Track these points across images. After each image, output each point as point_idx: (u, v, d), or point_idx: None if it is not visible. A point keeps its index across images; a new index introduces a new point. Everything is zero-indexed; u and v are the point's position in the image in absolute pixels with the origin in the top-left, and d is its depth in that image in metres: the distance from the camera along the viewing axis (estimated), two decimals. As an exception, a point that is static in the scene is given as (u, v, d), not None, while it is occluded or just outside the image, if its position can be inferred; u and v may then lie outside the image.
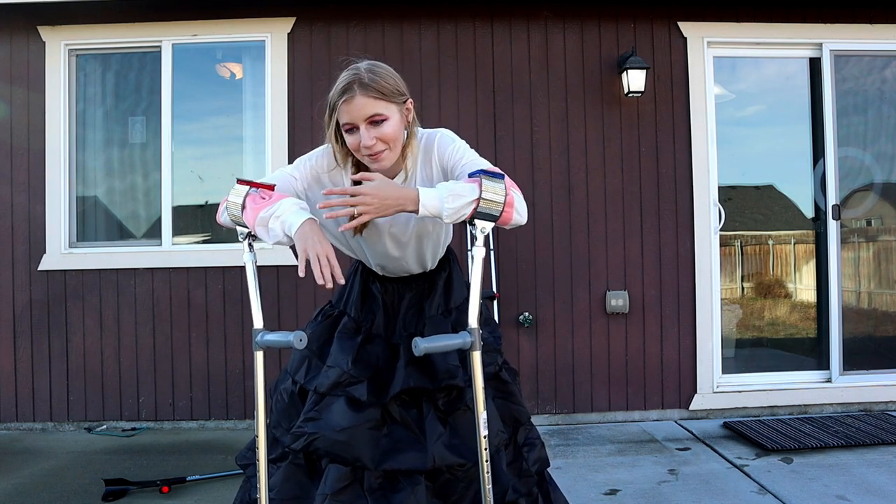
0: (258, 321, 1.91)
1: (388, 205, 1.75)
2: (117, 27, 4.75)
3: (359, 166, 2.03)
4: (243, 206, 1.88)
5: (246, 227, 1.89)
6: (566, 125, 4.76)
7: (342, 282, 1.75)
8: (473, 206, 1.75)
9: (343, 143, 1.97)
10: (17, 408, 4.72)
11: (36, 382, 4.72)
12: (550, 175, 4.75)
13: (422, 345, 1.66)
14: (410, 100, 1.99)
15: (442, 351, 1.74)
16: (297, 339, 1.76)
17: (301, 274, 1.73)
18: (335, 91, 1.91)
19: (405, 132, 1.98)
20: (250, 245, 1.92)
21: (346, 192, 1.77)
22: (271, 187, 1.91)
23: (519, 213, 1.82)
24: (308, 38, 4.75)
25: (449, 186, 1.79)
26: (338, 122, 1.93)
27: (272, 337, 1.84)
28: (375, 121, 1.88)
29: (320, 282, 1.72)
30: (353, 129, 1.89)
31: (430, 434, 1.98)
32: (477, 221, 1.76)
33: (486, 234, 1.78)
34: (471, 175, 1.82)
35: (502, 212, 1.77)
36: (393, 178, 2.01)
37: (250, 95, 4.95)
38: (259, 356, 1.91)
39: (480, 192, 1.75)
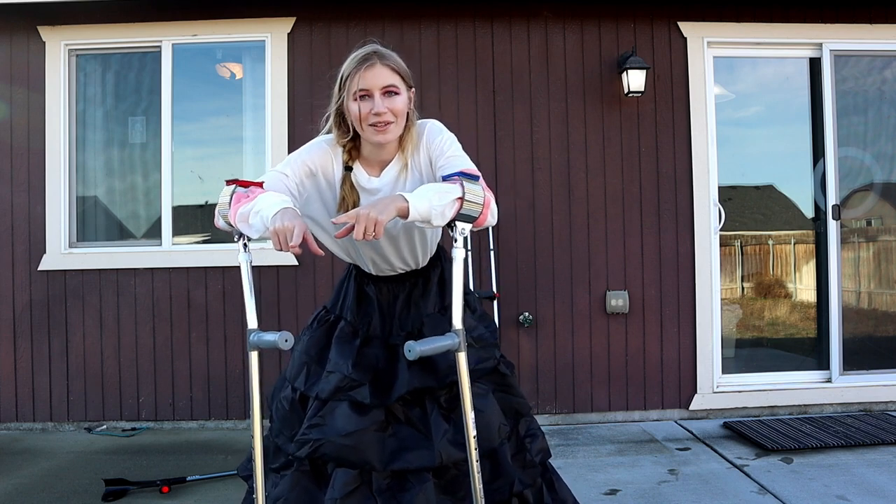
0: (252, 321, 1.88)
1: (389, 210, 1.73)
2: (117, 27, 4.76)
3: (350, 154, 2.06)
4: (230, 206, 1.89)
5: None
6: (566, 125, 4.77)
7: (296, 247, 1.68)
8: (457, 206, 1.78)
9: (341, 125, 2.02)
10: (18, 408, 4.73)
11: (36, 382, 4.73)
12: (550, 175, 4.76)
13: (417, 348, 1.67)
14: (414, 89, 2.05)
15: (435, 353, 1.75)
16: (281, 339, 1.74)
17: (276, 248, 1.71)
18: (351, 62, 1.96)
19: (406, 118, 2.02)
20: (245, 245, 1.90)
21: (343, 220, 1.74)
22: (259, 184, 1.92)
23: (493, 215, 1.87)
24: (308, 38, 4.76)
25: (433, 186, 1.81)
26: (342, 101, 1.98)
27: (265, 337, 1.81)
28: (390, 91, 1.94)
29: (276, 247, 1.70)
30: (367, 96, 1.94)
31: (436, 431, 1.99)
32: (457, 223, 1.79)
33: (465, 235, 1.80)
34: (446, 177, 1.86)
35: (480, 213, 1.81)
36: (389, 163, 2.06)
37: (250, 96, 4.95)
38: (254, 356, 1.88)
39: (463, 191, 1.78)
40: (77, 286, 4.74)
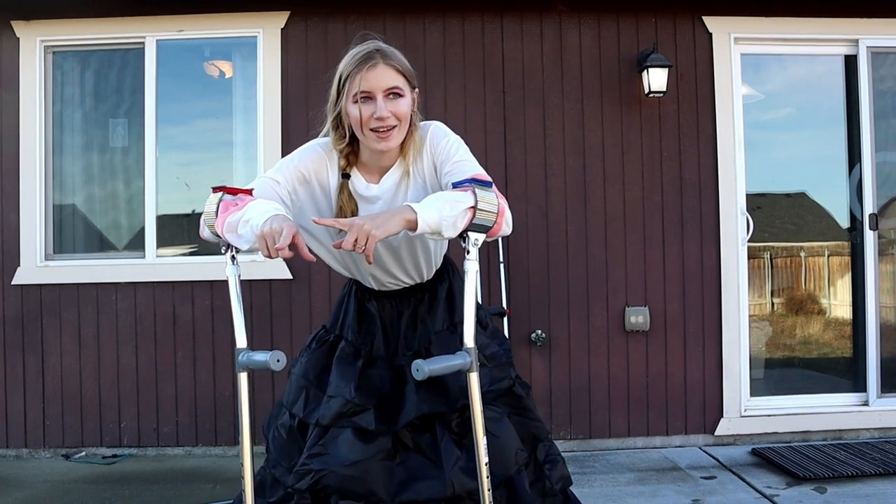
0: (241, 340, 1.87)
1: (391, 224, 1.70)
2: (97, 22, 4.74)
3: (348, 159, 2.03)
4: (217, 215, 1.87)
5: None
6: (582, 128, 4.74)
7: (284, 249, 1.65)
8: (469, 215, 1.75)
9: (339, 128, 2.00)
10: (-11, 433, 4.73)
11: (9, 406, 4.68)
12: (565, 182, 4.73)
13: (426, 367, 1.66)
14: (418, 90, 2.03)
15: (445, 373, 1.73)
16: (272, 359, 1.72)
17: (263, 255, 1.71)
18: (352, 60, 1.93)
19: (409, 122, 2.01)
20: (233, 258, 1.90)
21: (335, 225, 1.73)
22: (249, 192, 1.91)
23: (507, 224, 1.85)
24: (303, 33, 4.73)
25: (442, 195, 1.79)
26: (340, 103, 1.95)
27: (255, 357, 1.80)
28: (393, 93, 1.92)
29: (264, 253, 1.69)
30: (368, 98, 1.91)
31: (447, 459, 1.97)
32: (470, 234, 1.77)
33: (478, 246, 1.79)
34: (457, 184, 1.84)
35: (494, 222, 1.79)
36: (390, 169, 2.05)
37: (241, 96, 4.95)
38: (243, 378, 1.86)
39: (475, 200, 1.76)
40: (54, 301, 4.70)
